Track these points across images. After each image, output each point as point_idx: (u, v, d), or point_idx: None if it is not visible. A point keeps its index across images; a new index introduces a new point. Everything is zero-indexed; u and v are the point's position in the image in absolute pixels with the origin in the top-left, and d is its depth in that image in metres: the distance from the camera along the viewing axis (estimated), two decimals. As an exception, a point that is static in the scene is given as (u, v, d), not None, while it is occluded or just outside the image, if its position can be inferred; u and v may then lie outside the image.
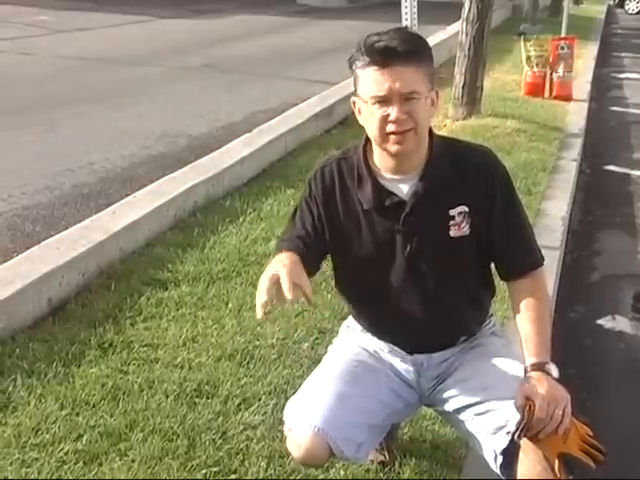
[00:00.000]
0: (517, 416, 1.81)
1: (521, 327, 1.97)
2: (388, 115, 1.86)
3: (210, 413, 2.61)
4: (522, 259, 2.05)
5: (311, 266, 2.00)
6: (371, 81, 1.86)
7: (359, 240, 2.03)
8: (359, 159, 2.02)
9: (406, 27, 2.02)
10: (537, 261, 2.06)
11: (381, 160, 1.99)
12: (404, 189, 1.99)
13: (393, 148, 1.91)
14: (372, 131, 1.92)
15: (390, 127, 1.87)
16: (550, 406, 1.77)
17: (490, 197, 1.99)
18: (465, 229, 1.99)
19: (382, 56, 1.84)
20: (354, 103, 1.97)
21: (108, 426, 2.52)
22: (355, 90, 1.94)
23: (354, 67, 1.91)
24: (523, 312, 1.98)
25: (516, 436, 1.78)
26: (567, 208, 5.01)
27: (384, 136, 1.89)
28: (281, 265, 1.81)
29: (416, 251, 1.99)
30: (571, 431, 1.79)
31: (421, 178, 1.98)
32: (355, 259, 2.05)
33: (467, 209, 1.98)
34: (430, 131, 2.00)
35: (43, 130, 6.26)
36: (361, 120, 1.96)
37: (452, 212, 1.98)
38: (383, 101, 1.86)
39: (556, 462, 1.77)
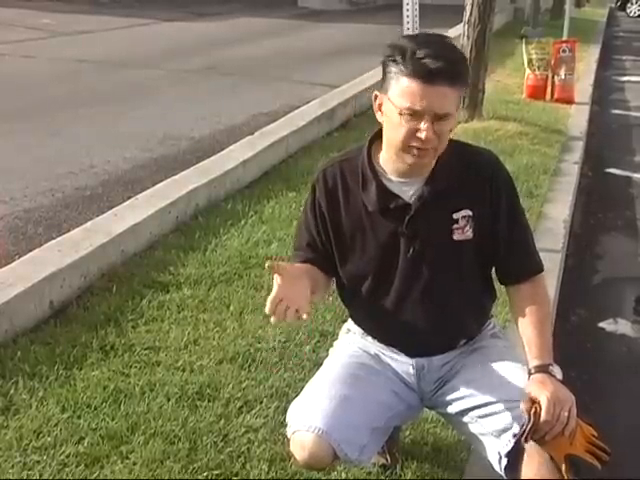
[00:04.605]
0: (522, 418, 1.81)
1: (523, 330, 1.98)
2: (417, 130, 1.83)
3: (211, 416, 2.61)
4: (524, 264, 2.05)
5: (326, 272, 2.07)
6: (409, 93, 1.81)
7: (362, 242, 2.03)
8: (363, 161, 2.01)
9: (451, 40, 1.97)
10: (538, 266, 2.07)
11: (390, 164, 1.98)
12: (409, 192, 1.98)
13: (411, 160, 1.89)
14: (395, 139, 1.88)
15: (416, 142, 1.85)
16: (556, 408, 1.77)
17: (494, 202, 1.99)
18: (468, 233, 1.99)
19: (428, 74, 1.79)
20: (376, 97, 1.93)
21: (109, 429, 2.52)
22: (383, 87, 1.89)
23: (390, 67, 1.85)
24: (524, 316, 1.98)
25: (523, 438, 1.78)
26: (569, 211, 5.00)
27: (407, 148, 1.87)
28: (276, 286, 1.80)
29: (419, 254, 1.99)
30: (576, 432, 1.79)
31: (427, 182, 1.97)
32: (358, 261, 2.05)
33: (471, 213, 1.98)
34: None
35: (45, 133, 6.27)
36: (380, 118, 1.94)
37: (456, 216, 1.98)
38: (414, 114, 1.82)
39: (563, 464, 1.77)
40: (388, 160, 1.98)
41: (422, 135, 1.83)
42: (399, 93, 1.83)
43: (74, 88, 8.11)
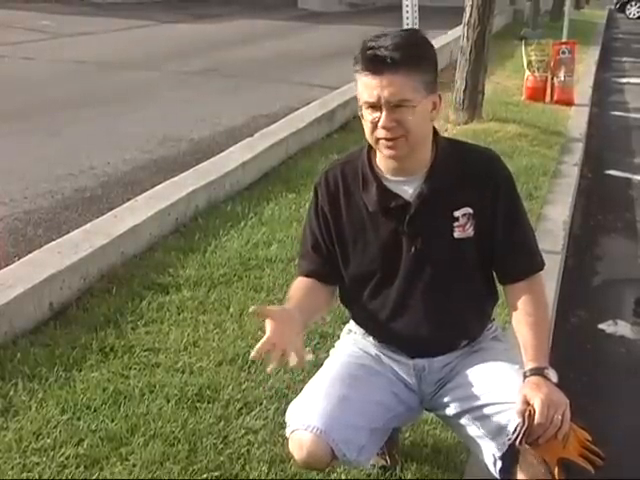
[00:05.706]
0: (517, 421, 1.81)
1: (519, 332, 1.98)
2: (378, 121, 1.88)
3: (211, 417, 2.61)
4: (523, 263, 2.05)
5: (332, 280, 2.10)
6: (363, 86, 1.89)
7: (365, 242, 2.04)
8: (363, 162, 2.03)
9: (412, 31, 2.00)
10: (538, 265, 2.06)
11: (384, 162, 2.00)
12: (409, 190, 1.99)
13: (386, 152, 1.93)
14: (367, 136, 1.95)
15: (379, 133, 1.89)
16: (550, 410, 1.77)
17: (494, 199, 1.99)
18: (469, 231, 1.99)
19: (372, 64, 1.85)
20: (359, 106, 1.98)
21: (109, 430, 2.52)
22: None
23: (354, 69, 1.92)
24: (521, 317, 1.99)
25: (516, 441, 1.78)
26: (568, 212, 5.01)
27: (375, 140, 1.92)
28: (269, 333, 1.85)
29: (421, 252, 1.99)
30: (570, 436, 1.78)
31: (426, 180, 1.98)
32: (361, 261, 2.06)
33: (471, 211, 1.98)
34: (435, 132, 2.01)
35: (45, 134, 6.28)
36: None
37: (456, 214, 1.98)
38: (373, 107, 1.87)
39: (555, 467, 1.77)
40: (381, 160, 2.01)
41: (380, 124, 1.87)
42: (360, 90, 1.91)
43: (74, 89, 8.12)
